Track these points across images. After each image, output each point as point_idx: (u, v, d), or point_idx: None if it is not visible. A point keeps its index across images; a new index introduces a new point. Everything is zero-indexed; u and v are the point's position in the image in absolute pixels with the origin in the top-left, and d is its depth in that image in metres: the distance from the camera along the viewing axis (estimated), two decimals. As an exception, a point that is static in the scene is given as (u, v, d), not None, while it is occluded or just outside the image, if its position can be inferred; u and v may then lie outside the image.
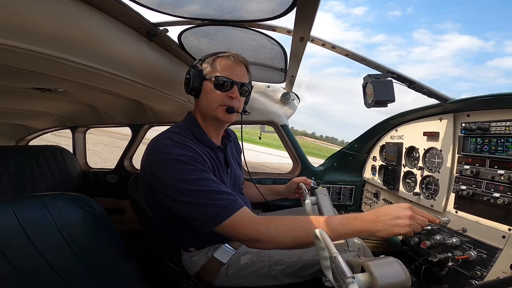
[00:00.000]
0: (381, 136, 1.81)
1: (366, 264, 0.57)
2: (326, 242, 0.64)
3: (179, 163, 0.95)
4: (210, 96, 1.10)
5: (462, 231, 1.08)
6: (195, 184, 0.92)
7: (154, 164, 0.96)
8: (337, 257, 0.58)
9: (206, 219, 0.90)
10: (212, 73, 1.10)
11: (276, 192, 1.58)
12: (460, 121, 1.18)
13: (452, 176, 1.19)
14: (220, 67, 1.10)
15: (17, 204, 0.88)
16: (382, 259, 0.60)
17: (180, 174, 0.93)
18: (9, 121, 2.45)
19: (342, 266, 0.55)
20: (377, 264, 0.57)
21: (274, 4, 0.93)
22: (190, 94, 1.14)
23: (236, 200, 0.93)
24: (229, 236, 0.93)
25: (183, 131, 1.10)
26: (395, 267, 0.57)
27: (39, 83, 1.37)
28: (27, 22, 0.72)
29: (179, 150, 0.98)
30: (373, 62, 1.33)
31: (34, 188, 2.00)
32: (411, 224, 0.85)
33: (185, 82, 1.13)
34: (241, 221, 0.90)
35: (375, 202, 1.83)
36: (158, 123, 2.29)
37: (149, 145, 1.04)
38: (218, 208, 0.90)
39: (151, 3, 0.97)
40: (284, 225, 0.89)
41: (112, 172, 2.44)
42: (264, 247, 0.91)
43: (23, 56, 0.83)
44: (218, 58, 1.12)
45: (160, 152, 0.97)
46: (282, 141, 2.17)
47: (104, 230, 1.08)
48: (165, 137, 1.03)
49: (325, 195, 1.15)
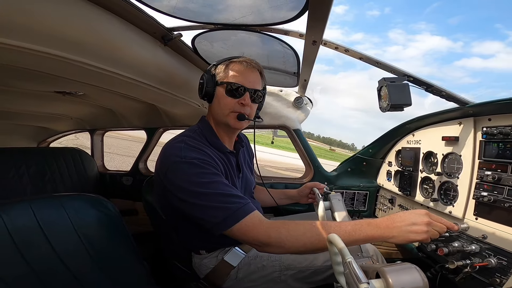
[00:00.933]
0: (397, 141, 1.76)
1: (381, 270, 0.55)
2: (340, 247, 0.62)
3: (193, 166, 0.96)
4: (222, 102, 1.10)
5: (482, 238, 1.03)
6: (207, 187, 0.93)
7: (169, 167, 0.97)
8: (351, 262, 0.56)
9: (217, 222, 0.90)
10: (225, 79, 1.10)
11: (289, 196, 1.56)
12: (481, 125, 1.13)
13: (473, 182, 1.14)
14: (233, 72, 1.10)
15: (36, 203, 0.91)
16: (398, 265, 0.58)
17: (193, 177, 0.94)
18: (31, 124, 2.56)
19: (357, 271, 0.54)
20: (393, 270, 0.55)
21: (286, 8, 0.93)
22: (203, 99, 1.15)
23: (247, 204, 0.93)
24: (239, 240, 0.93)
25: (197, 135, 1.11)
26: (412, 273, 0.55)
27: (60, 87, 1.42)
28: (50, 28, 0.76)
29: (192, 153, 0.99)
30: (388, 65, 1.30)
31: (53, 189, 2.07)
32: (428, 231, 0.82)
33: (199, 87, 1.14)
34: (251, 225, 0.89)
35: (390, 208, 1.78)
36: (172, 126, 2.33)
37: (163, 149, 1.05)
38: (229, 211, 0.90)
39: (165, 8, 0.99)
40: (295, 230, 0.88)
41: (127, 174, 2.49)
42: (275, 252, 0.90)
43: (46, 61, 0.87)
44: (231, 63, 1.12)
45: (174, 155, 0.98)
46: (294, 145, 2.16)
47: (118, 231, 1.11)
48: (179, 141, 1.04)
49: (339, 200, 1.13)
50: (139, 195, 1.32)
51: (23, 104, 1.80)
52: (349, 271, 0.56)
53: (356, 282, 0.53)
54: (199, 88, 1.14)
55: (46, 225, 0.89)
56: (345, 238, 0.83)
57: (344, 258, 0.59)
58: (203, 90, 1.11)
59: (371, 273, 0.60)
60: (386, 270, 0.55)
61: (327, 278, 1.13)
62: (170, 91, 1.41)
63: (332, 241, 0.65)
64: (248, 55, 1.19)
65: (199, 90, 1.14)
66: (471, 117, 1.18)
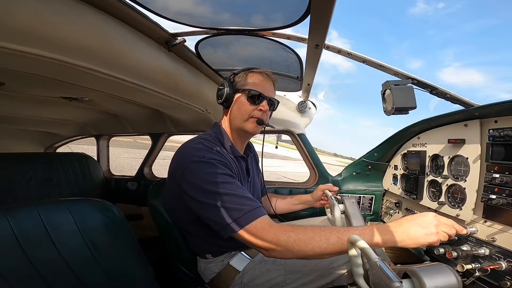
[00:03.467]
0: (402, 144, 1.74)
1: (411, 270, 0.54)
2: (365, 248, 0.61)
3: (211, 166, 0.99)
4: (242, 108, 1.16)
5: (491, 240, 1.02)
6: (223, 187, 0.95)
7: (187, 166, 1.00)
8: (379, 263, 0.55)
9: (228, 223, 0.90)
10: (245, 86, 1.16)
11: (303, 201, 1.58)
12: (487, 128, 1.12)
13: (480, 184, 1.12)
14: (253, 81, 1.17)
15: (43, 207, 0.92)
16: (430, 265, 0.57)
17: (210, 177, 0.96)
18: (38, 129, 2.60)
19: (387, 272, 0.52)
20: (425, 269, 0.54)
21: (288, 13, 0.94)
22: (222, 104, 1.19)
23: (259, 207, 0.94)
24: (247, 243, 0.92)
25: (212, 139, 1.14)
26: (445, 272, 0.54)
27: (67, 93, 1.45)
28: (56, 34, 0.78)
29: (211, 154, 1.03)
30: (392, 68, 1.30)
31: (60, 193, 2.09)
32: (438, 233, 0.82)
33: (218, 93, 1.19)
34: (261, 228, 0.89)
35: (396, 212, 1.76)
36: (176, 132, 2.35)
37: (181, 150, 1.08)
38: (241, 212, 0.90)
39: (169, 13, 1.01)
40: (304, 234, 0.87)
41: (132, 179, 2.51)
42: (282, 256, 0.89)
43: (53, 66, 0.89)
44: (251, 73, 1.19)
45: (193, 155, 1.01)
46: (299, 150, 2.15)
47: (123, 235, 1.11)
48: (197, 143, 1.08)
49: (354, 203, 1.11)
50: (144, 200, 1.33)
51: (30, 109, 1.83)
52: (376, 271, 0.54)
53: (388, 282, 0.51)
54: (218, 94, 1.18)
55: (52, 229, 0.89)
56: None
57: (371, 259, 0.57)
58: (223, 96, 1.16)
59: (398, 273, 0.58)
60: (417, 269, 0.54)
61: (332, 281, 1.12)
62: (174, 97, 1.43)
63: (354, 242, 0.64)
64: (251, 60, 1.20)
65: (218, 96, 1.19)
66: (477, 119, 1.17)
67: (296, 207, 1.58)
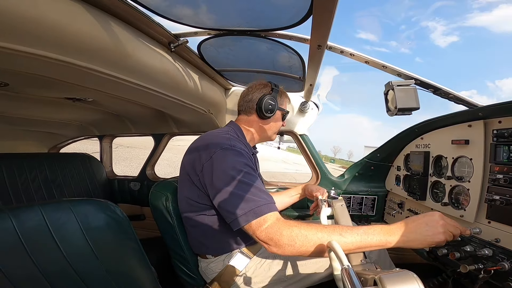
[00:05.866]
0: (405, 145, 1.73)
1: (378, 278, 0.54)
2: (338, 253, 0.62)
3: (240, 155, 1.04)
4: (278, 124, 1.37)
5: (495, 241, 1.01)
6: (246, 177, 0.98)
7: (216, 152, 1.03)
8: (347, 269, 0.56)
9: (242, 214, 0.93)
10: (282, 106, 1.35)
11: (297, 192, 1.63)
12: (491, 128, 1.11)
13: (484, 185, 1.11)
14: (285, 102, 1.38)
15: (47, 207, 0.93)
16: (396, 272, 0.56)
17: (237, 164, 1.01)
18: (42, 129, 2.62)
19: (352, 279, 0.53)
20: (390, 277, 0.54)
21: (290, 13, 0.94)
22: (263, 114, 1.26)
23: (272, 203, 0.96)
24: (252, 235, 0.93)
25: (234, 134, 1.20)
26: (409, 281, 0.53)
27: (70, 93, 1.46)
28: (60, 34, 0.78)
29: (239, 144, 1.11)
30: (395, 68, 1.30)
31: (63, 194, 2.10)
32: (445, 232, 0.81)
33: (264, 103, 1.25)
34: (268, 221, 0.91)
35: (399, 213, 1.75)
36: (179, 132, 2.35)
37: (208, 137, 1.13)
38: (257, 204, 0.93)
39: (171, 14, 1.01)
40: (307, 229, 0.87)
41: (135, 179, 2.52)
42: (285, 251, 0.88)
43: (58, 67, 0.89)
44: (283, 94, 1.37)
45: (223, 143, 1.06)
46: (301, 150, 2.15)
47: (126, 236, 1.11)
48: (225, 133, 1.16)
49: (342, 206, 1.11)
50: (146, 200, 1.33)
51: (34, 110, 1.84)
52: (346, 277, 0.55)
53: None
54: (265, 104, 1.25)
55: (55, 229, 0.90)
56: (358, 243, 0.82)
57: (342, 264, 0.58)
58: (274, 110, 1.27)
59: (370, 280, 0.59)
60: (383, 277, 0.54)
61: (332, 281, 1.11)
62: (177, 97, 1.43)
63: (331, 247, 0.65)
64: (254, 60, 1.21)
65: (264, 106, 1.25)
66: (481, 119, 1.16)
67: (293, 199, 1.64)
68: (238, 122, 1.33)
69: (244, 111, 1.32)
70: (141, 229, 2.43)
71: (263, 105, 1.24)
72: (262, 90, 1.28)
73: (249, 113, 1.31)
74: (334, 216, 1.08)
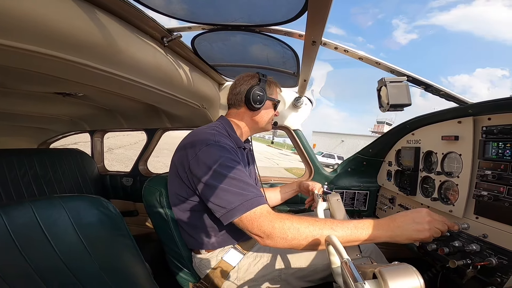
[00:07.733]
0: (397, 140, 1.76)
1: (378, 271, 0.55)
2: (337, 247, 0.63)
3: (224, 150, 1.04)
4: (270, 114, 1.36)
5: (482, 237, 1.03)
6: (233, 172, 0.98)
7: (201, 149, 1.03)
8: (347, 262, 0.57)
9: (231, 208, 0.93)
10: (272, 95, 1.35)
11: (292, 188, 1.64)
12: (480, 125, 1.13)
13: (473, 181, 1.14)
14: (276, 92, 1.38)
15: (37, 204, 0.91)
16: (395, 266, 0.58)
17: (223, 160, 1.00)
18: (32, 125, 2.56)
19: (353, 272, 0.54)
20: (389, 270, 0.55)
21: (286, 9, 0.94)
22: (251, 105, 1.25)
23: (261, 196, 0.97)
24: (244, 229, 0.94)
25: (221, 129, 1.19)
26: (409, 274, 0.55)
27: (60, 88, 1.42)
28: (50, 29, 0.76)
29: (225, 140, 1.11)
30: (388, 65, 1.31)
31: (54, 190, 2.07)
32: (430, 229, 0.83)
33: (252, 95, 1.23)
34: (260, 214, 0.91)
35: (390, 208, 1.78)
36: (172, 127, 2.34)
37: (194, 135, 1.13)
38: (246, 198, 0.93)
39: (165, 9, 1.00)
40: (299, 223, 0.88)
41: (127, 175, 2.50)
42: (277, 244, 0.89)
43: (47, 62, 0.87)
44: (272, 84, 1.36)
45: (208, 139, 1.06)
46: (294, 145, 2.17)
47: (119, 232, 1.10)
48: (211, 129, 1.15)
49: (338, 200, 1.12)
50: (139, 196, 1.33)
51: (23, 105, 1.79)
52: (345, 271, 0.56)
53: (352, 283, 0.53)
54: (253, 95, 1.23)
55: (47, 226, 0.89)
56: (348, 236, 0.84)
57: (341, 258, 0.59)
58: (263, 101, 1.25)
59: (369, 273, 0.60)
60: (383, 270, 0.55)
61: (327, 276, 1.13)
62: (170, 92, 1.42)
63: (329, 241, 0.65)
64: (248, 55, 1.20)
65: (252, 97, 1.23)
66: (471, 116, 1.18)
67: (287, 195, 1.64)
68: (228, 116, 1.33)
69: (233, 105, 1.32)
70: (134, 225, 2.42)
71: (251, 96, 1.23)
72: (250, 82, 1.27)
73: (238, 106, 1.30)
74: (330, 210, 1.10)
